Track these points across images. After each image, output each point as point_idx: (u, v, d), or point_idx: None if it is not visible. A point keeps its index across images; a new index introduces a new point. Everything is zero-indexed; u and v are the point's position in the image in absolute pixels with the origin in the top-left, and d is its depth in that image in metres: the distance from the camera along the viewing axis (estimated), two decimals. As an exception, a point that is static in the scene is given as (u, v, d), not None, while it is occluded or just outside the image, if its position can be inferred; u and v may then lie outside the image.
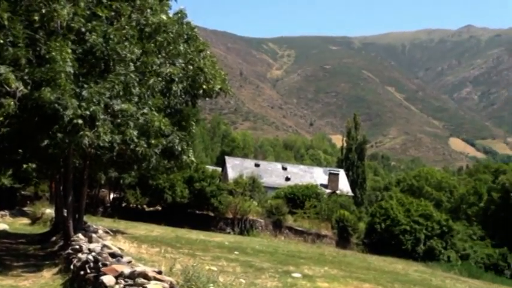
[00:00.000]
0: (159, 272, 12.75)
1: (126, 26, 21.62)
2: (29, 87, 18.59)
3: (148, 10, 23.77)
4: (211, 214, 53.81)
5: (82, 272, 15.61)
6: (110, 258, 14.84)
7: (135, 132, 21.16)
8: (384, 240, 55.30)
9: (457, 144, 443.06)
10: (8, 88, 17.89)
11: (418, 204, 59.66)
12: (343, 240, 56.39)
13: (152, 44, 23.79)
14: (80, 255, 17.35)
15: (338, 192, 75.84)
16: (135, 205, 53.31)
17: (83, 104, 19.15)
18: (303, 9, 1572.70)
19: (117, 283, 12.88)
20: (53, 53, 18.67)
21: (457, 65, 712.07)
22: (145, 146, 22.28)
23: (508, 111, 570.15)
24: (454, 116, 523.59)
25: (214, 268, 20.28)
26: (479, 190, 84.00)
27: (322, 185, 75.13)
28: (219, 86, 29.38)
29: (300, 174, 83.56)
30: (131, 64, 21.25)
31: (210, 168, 67.01)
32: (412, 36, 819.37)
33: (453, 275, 44.15)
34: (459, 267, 52.27)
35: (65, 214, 26.09)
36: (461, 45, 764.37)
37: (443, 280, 34.98)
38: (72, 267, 17.70)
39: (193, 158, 29.30)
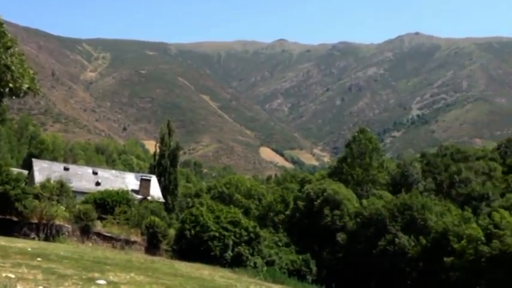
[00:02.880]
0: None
1: None
2: None
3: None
4: (15, 219, 51.19)
5: None
6: None
7: None
8: (194, 246, 55.75)
9: (267, 153, 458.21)
10: None
11: (227, 211, 60.73)
12: (152, 246, 56.12)
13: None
14: None
15: (149, 198, 75.39)
16: None
17: None
18: (120, 12, 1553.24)
19: None
20: None
21: (269, 77, 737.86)
22: None
23: (315, 123, 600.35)
24: (265, 126, 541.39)
25: (13, 275, 19.30)
26: (286, 198, 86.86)
27: (133, 190, 74.24)
28: (27, 85, 28.06)
29: (111, 179, 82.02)
30: None
31: (16, 170, 63.92)
32: (227, 46, 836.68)
33: (258, 281, 45.44)
34: (264, 273, 53.92)
35: None
36: (274, 58, 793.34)
37: (248, 286, 35.88)
38: None
39: (-5, 160, 27.85)
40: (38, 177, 72.12)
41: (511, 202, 66.64)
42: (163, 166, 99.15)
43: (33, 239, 49.10)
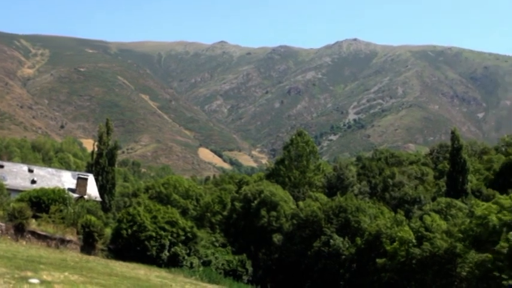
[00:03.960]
0: None
1: None
2: None
3: None
4: None
5: None
6: None
7: None
8: (130, 246, 55.23)
9: (205, 154, 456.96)
10: None
11: (165, 211, 60.31)
12: (88, 245, 55.24)
13: None
14: None
15: (86, 197, 74.37)
16: None
17: None
18: (60, 9, 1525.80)
19: None
20: None
21: (209, 79, 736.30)
22: None
23: (254, 125, 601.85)
24: (204, 127, 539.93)
25: None
26: (224, 199, 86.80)
27: (70, 189, 73.02)
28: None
29: (48, 177, 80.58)
30: None
31: None
32: (168, 47, 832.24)
33: (194, 281, 45.31)
34: (200, 273, 53.82)
35: None
36: (215, 59, 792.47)
37: (183, 285, 35.77)
38: None
39: None
40: (-29, 174, 70.38)
41: (441, 206, 68.09)
42: (101, 165, 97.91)
43: (-35, 237, 47.83)
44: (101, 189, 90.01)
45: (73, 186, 78.13)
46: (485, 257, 47.69)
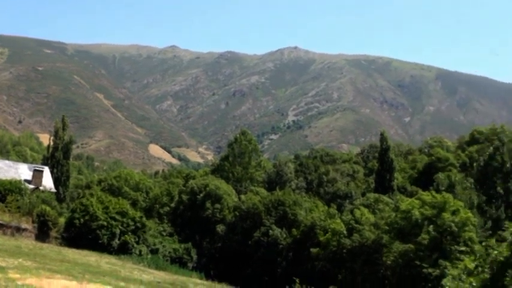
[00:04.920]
0: None
1: None
2: None
3: None
4: None
5: None
6: None
7: None
8: (82, 234, 54.54)
9: (155, 150, 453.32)
10: None
11: (116, 203, 59.76)
12: (42, 233, 54.35)
13: None
14: None
15: (41, 188, 72.83)
16: None
17: None
18: (19, 10, 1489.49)
19: None
20: None
21: (161, 80, 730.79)
22: None
23: (201, 124, 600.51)
24: (155, 125, 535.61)
25: None
26: (172, 192, 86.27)
27: (26, 180, 71.33)
28: None
29: (5, 169, 78.43)
30: None
31: None
32: (122, 49, 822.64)
33: (141, 267, 44.95)
34: (148, 260, 53.47)
35: None
36: (166, 62, 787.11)
37: (132, 271, 35.43)
38: None
39: None
40: None
41: (370, 201, 69.04)
42: (56, 158, 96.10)
43: None
44: (56, 181, 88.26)
45: (29, 177, 76.34)
46: (408, 248, 48.63)
